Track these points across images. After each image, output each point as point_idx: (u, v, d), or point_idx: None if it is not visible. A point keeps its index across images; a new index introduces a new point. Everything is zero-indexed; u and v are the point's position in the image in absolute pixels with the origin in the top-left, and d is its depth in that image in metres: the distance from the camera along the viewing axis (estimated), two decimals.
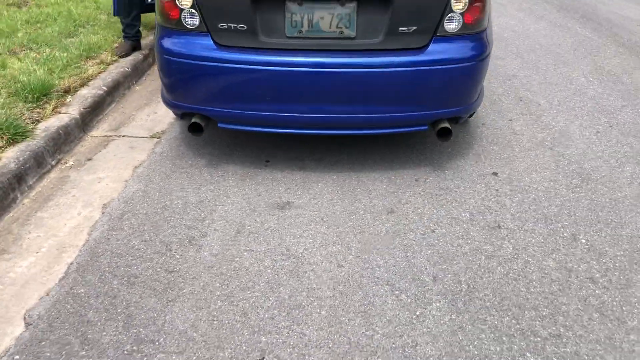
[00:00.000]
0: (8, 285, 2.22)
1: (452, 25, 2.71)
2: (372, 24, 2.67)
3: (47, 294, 2.17)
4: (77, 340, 1.96)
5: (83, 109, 3.57)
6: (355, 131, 2.89)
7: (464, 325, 2.04)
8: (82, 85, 3.88)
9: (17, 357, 1.88)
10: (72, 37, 4.60)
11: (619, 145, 3.46)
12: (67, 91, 3.73)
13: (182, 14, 2.72)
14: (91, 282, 2.24)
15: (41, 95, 3.50)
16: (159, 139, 3.48)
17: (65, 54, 4.15)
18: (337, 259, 2.39)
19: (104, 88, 3.89)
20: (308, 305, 2.13)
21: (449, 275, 2.30)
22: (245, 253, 2.42)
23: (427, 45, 2.71)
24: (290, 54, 2.69)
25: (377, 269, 2.34)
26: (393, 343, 1.96)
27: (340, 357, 1.90)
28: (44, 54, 4.15)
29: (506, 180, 3.04)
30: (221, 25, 2.69)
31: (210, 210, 2.73)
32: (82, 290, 2.20)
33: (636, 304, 2.15)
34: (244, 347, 1.94)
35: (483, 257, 2.42)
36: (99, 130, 3.61)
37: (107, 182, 2.99)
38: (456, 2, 2.67)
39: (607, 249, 2.48)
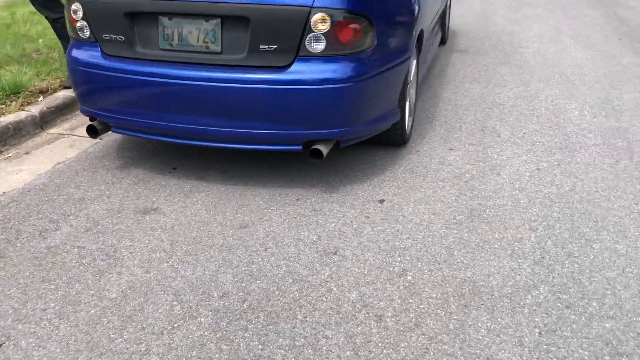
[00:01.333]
0: None
1: (318, 46, 2.68)
2: (236, 40, 2.72)
3: None
4: None
5: (46, 108, 3.95)
6: (227, 145, 2.93)
7: (207, 342, 2.03)
8: (65, 87, 4.28)
9: None
10: None
11: (547, 186, 3.16)
12: (44, 92, 4.15)
13: (78, 24, 2.96)
14: None
15: (11, 93, 3.93)
16: (100, 140, 3.75)
17: (64, 59, 4.60)
18: (150, 265, 2.46)
19: None
20: (85, 304, 2.23)
21: (241, 294, 2.28)
22: (75, 249, 2.58)
23: (290, 65, 2.70)
24: (162, 66, 2.83)
25: (179, 278, 2.38)
26: (127, 348, 2.00)
27: (69, 352, 1.97)
28: (46, 58, 4.63)
29: (387, 209, 2.91)
30: (105, 36, 2.89)
31: (82, 208, 2.92)
32: None
33: (402, 349, 1.99)
34: None
35: (290, 281, 2.36)
36: (58, 129, 3.97)
37: (23, 174, 3.30)
38: (322, 23, 2.64)
39: (427, 289, 2.31)
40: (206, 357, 1.96)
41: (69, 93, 4.20)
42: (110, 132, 3.25)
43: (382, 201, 2.99)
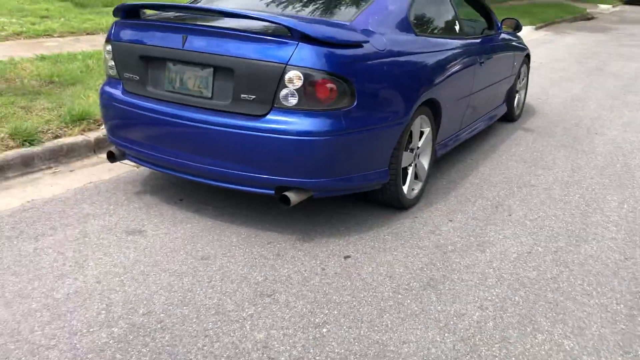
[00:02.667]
0: None
1: (291, 100, 2.87)
2: (224, 88, 3.00)
3: None
4: None
5: (103, 135, 4.49)
6: (210, 182, 3.17)
7: (106, 349, 2.21)
8: None
9: None
10: None
11: (528, 270, 3.02)
12: None
13: (109, 63, 3.43)
14: None
15: (77, 120, 4.53)
16: (136, 168, 4.18)
17: None
18: (105, 277, 2.72)
19: None
20: (32, 298, 2.52)
21: (162, 315, 2.45)
22: (55, 254, 2.90)
23: (265, 114, 2.91)
24: (164, 105, 3.17)
25: (121, 292, 2.60)
26: (39, 341, 2.24)
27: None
28: None
29: (347, 265, 2.95)
30: (126, 75, 3.32)
31: (83, 222, 3.28)
32: None
33: None
34: None
35: (213, 312, 2.49)
36: None
37: (56, 187, 3.77)
38: (296, 79, 2.84)
39: (334, 344, 2.32)
40: None
41: None
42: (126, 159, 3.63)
43: (347, 257, 3.03)
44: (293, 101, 2.86)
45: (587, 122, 6.38)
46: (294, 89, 2.84)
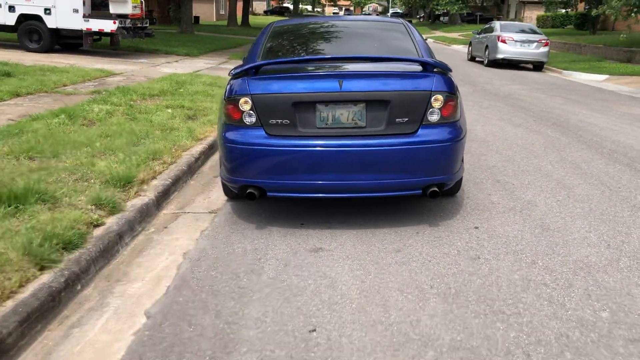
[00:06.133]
0: (128, 297, 3.14)
1: (433, 117, 3.83)
2: (377, 117, 3.80)
3: (156, 302, 3.09)
4: (184, 324, 2.86)
5: (157, 193, 4.63)
6: (367, 194, 3.91)
7: (453, 310, 2.94)
8: (153, 178, 4.97)
9: (147, 332, 2.78)
10: (137, 146, 5.78)
11: (573, 208, 4.47)
12: (143, 182, 4.81)
13: (243, 114, 3.87)
14: (186, 295, 3.15)
15: (126, 183, 4.58)
16: (215, 213, 4.49)
17: (135, 157, 5.29)
18: (360, 278, 3.32)
19: (170, 179, 4.98)
20: (342, 303, 3.03)
21: (442, 285, 3.22)
22: (293, 277, 3.35)
23: (417, 131, 3.82)
24: (319, 139, 3.80)
25: (390, 282, 3.26)
26: (403, 320, 2.85)
27: (372, 328, 2.78)
28: (120, 157, 5.29)
29: (484, 231, 4.01)
30: (271, 121, 3.82)
31: (264, 254, 3.68)
32: (181, 299, 3.11)
33: (573, 296, 3.05)
34: (301, 323, 2.83)
35: (466, 275, 3.34)
36: (169, 210, 4.64)
37: (182, 241, 3.96)
38: (435, 102, 3.82)
39: (557, 267, 3.41)
40: (460, 317, 2.87)
41: (162, 181, 4.91)
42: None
43: (476, 227, 4.09)
44: (435, 118, 3.84)
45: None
46: (437, 109, 3.83)
